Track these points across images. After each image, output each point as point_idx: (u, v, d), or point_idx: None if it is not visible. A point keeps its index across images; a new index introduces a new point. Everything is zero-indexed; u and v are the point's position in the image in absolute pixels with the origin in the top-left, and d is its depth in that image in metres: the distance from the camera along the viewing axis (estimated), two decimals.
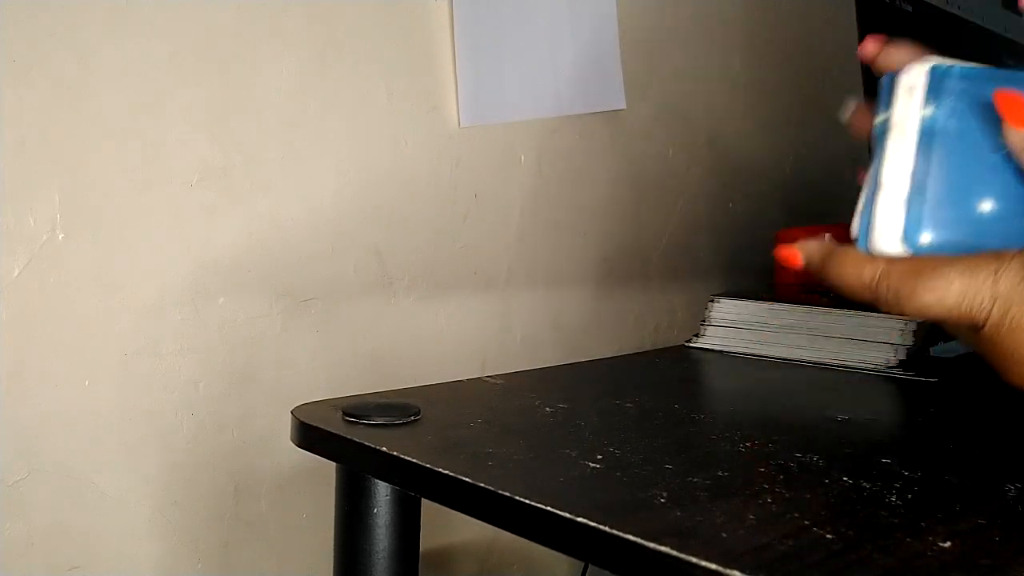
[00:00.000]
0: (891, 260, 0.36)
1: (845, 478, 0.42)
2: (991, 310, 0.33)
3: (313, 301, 0.74)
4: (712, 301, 0.84)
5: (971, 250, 0.35)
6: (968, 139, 0.37)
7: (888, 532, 0.35)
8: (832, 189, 1.22)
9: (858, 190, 0.43)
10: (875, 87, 0.44)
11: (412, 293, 0.80)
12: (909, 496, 0.39)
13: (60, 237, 0.62)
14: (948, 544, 0.33)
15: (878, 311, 0.40)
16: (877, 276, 0.36)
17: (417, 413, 0.52)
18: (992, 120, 0.36)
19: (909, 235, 0.37)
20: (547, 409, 0.56)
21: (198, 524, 0.69)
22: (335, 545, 0.53)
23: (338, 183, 0.75)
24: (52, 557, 0.63)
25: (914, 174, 0.37)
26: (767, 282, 0.99)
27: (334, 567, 0.53)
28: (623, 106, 0.93)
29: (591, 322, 0.96)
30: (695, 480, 0.41)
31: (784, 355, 0.77)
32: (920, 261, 0.35)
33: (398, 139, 0.79)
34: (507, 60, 0.84)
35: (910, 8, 1.01)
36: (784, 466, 0.44)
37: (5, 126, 0.59)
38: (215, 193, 0.68)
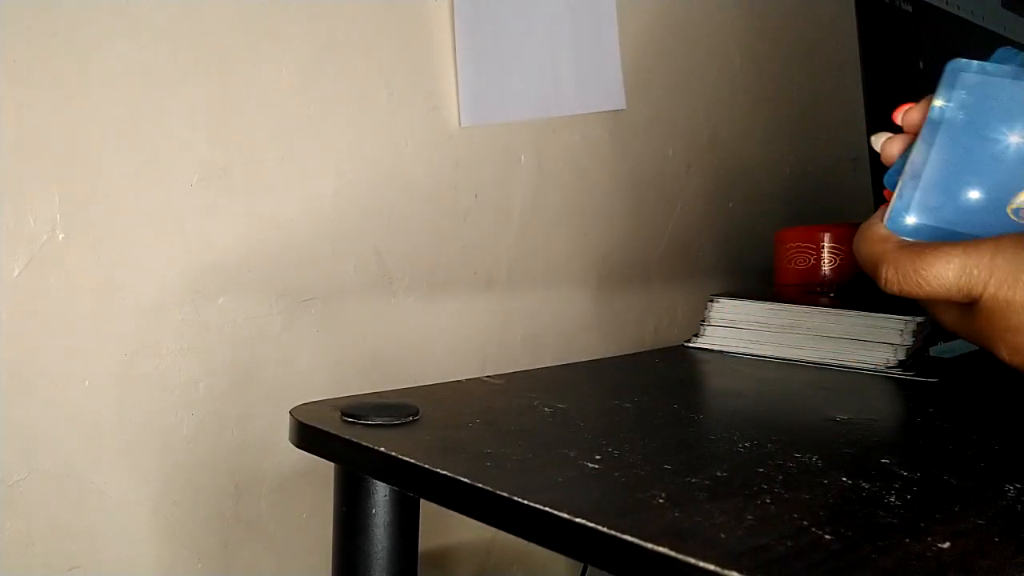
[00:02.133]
0: (900, 245, 0.39)
1: (844, 478, 0.42)
2: (987, 284, 0.36)
3: (313, 301, 0.74)
4: (712, 301, 0.84)
5: (949, 237, 0.39)
6: (971, 130, 0.40)
7: (887, 533, 0.35)
8: (832, 189, 1.22)
9: (859, 189, 0.44)
10: (875, 91, 0.44)
11: (412, 293, 0.80)
12: (908, 496, 0.39)
13: (60, 237, 0.62)
14: (947, 545, 0.33)
15: (878, 311, 0.41)
16: (882, 256, 0.39)
17: (416, 413, 0.52)
18: (998, 113, 0.39)
19: (895, 217, 0.40)
20: (547, 409, 0.56)
21: (198, 524, 0.69)
22: (334, 545, 0.53)
23: (338, 183, 0.75)
24: (52, 557, 0.63)
25: (913, 160, 0.41)
26: (767, 282, 0.99)
27: (333, 567, 0.53)
28: (623, 106, 0.93)
29: (591, 322, 0.96)
30: (694, 480, 0.41)
31: (784, 355, 0.77)
32: (924, 244, 0.38)
33: (398, 139, 0.79)
34: (508, 60, 0.84)
35: (910, 8, 1.01)
36: (783, 466, 0.44)
37: (5, 126, 0.59)
38: (215, 193, 0.68)
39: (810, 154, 1.19)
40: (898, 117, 0.44)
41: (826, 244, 0.91)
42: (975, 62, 0.41)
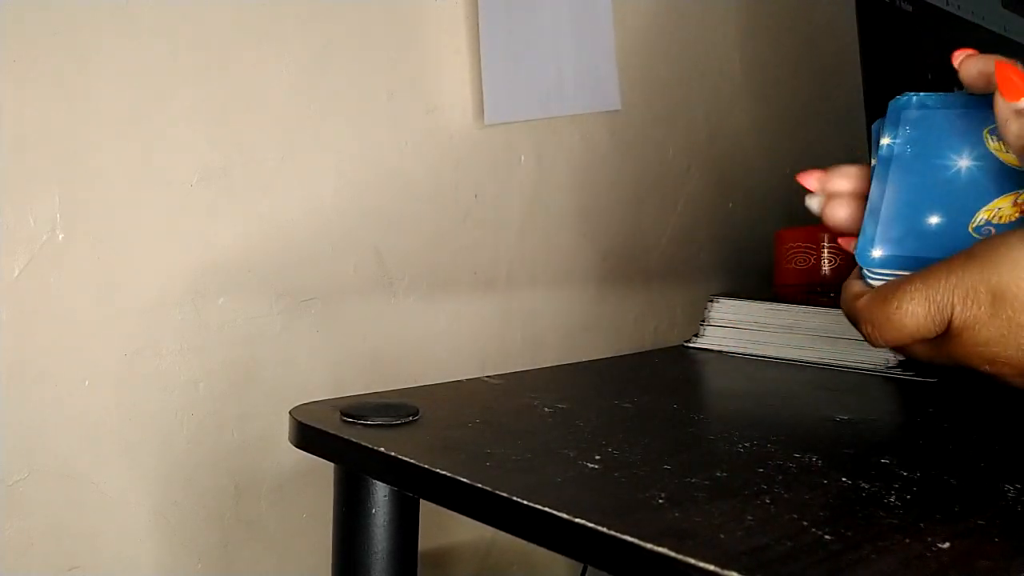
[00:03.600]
0: (869, 296, 0.40)
1: (844, 478, 0.42)
2: (953, 306, 0.37)
3: (313, 301, 0.74)
4: (712, 301, 0.84)
5: (917, 264, 0.39)
6: (921, 161, 0.41)
7: (887, 533, 0.35)
8: None
9: None
10: (875, 91, 0.45)
11: (412, 293, 0.80)
12: (908, 497, 0.39)
13: (60, 237, 0.62)
14: (947, 545, 0.33)
15: None
16: (854, 312, 0.40)
17: (416, 413, 0.52)
18: (944, 141, 0.41)
19: (861, 252, 0.42)
20: (547, 409, 0.56)
21: (198, 524, 0.69)
22: (334, 546, 0.53)
23: (338, 183, 0.75)
24: (52, 557, 0.63)
25: (871, 198, 0.42)
26: (767, 282, 0.99)
27: (332, 567, 0.53)
28: (618, 107, 0.93)
29: (591, 322, 0.96)
30: (693, 481, 0.41)
31: (783, 355, 0.77)
32: (884, 290, 0.39)
33: (398, 139, 0.79)
34: (524, 59, 0.84)
35: (910, 8, 1.01)
36: (783, 466, 0.44)
37: (5, 126, 0.59)
38: (215, 193, 0.68)
39: (810, 154, 1.19)
40: (811, 184, 0.46)
41: (826, 244, 0.91)
42: (915, 96, 0.43)
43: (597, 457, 0.45)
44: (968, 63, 0.41)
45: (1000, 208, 0.40)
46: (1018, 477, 0.42)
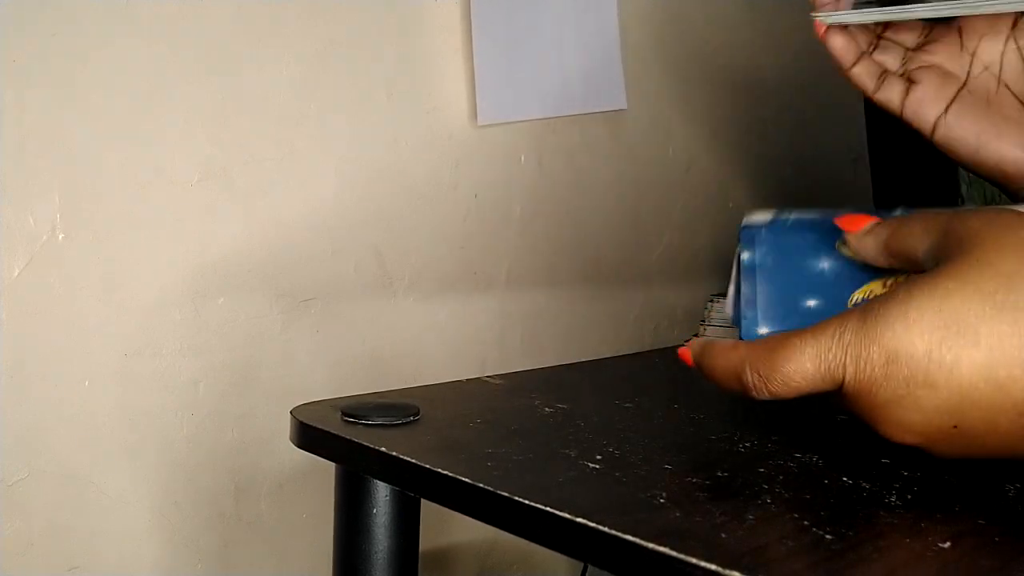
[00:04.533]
0: (750, 345, 0.39)
1: (845, 478, 0.42)
2: (845, 365, 0.35)
3: (313, 301, 0.74)
4: (712, 301, 0.84)
5: None
6: (786, 267, 0.45)
7: (888, 532, 0.35)
8: (832, 189, 1.22)
9: (859, 189, 0.47)
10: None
11: (412, 293, 0.80)
12: (909, 496, 0.39)
13: (60, 237, 0.62)
14: (948, 544, 0.33)
15: None
16: (739, 363, 0.38)
17: (416, 413, 0.52)
18: (802, 252, 0.45)
19: (747, 333, 0.45)
20: (547, 409, 0.56)
21: (198, 524, 0.69)
22: (334, 546, 0.53)
23: (338, 183, 0.75)
24: (52, 557, 0.63)
25: (744, 295, 0.45)
26: None
27: (333, 568, 0.53)
28: (624, 106, 0.93)
29: (591, 322, 0.96)
30: (694, 480, 0.41)
31: None
32: (772, 339, 0.38)
33: (398, 139, 0.79)
34: (521, 59, 0.84)
35: None
36: (783, 466, 0.44)
37: (5, 126, 0.59)
38: (215, 193, 0.68)
39: (810, 154, 1.19)
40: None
41: None
42: (763, 227, 0.46)
43: (598, 457, 0.45)
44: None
45: (872, 290, 0.42)
46: (1018, 477, 0.42)
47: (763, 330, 0.44)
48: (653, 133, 1.00)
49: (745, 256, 0.46)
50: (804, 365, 0.36)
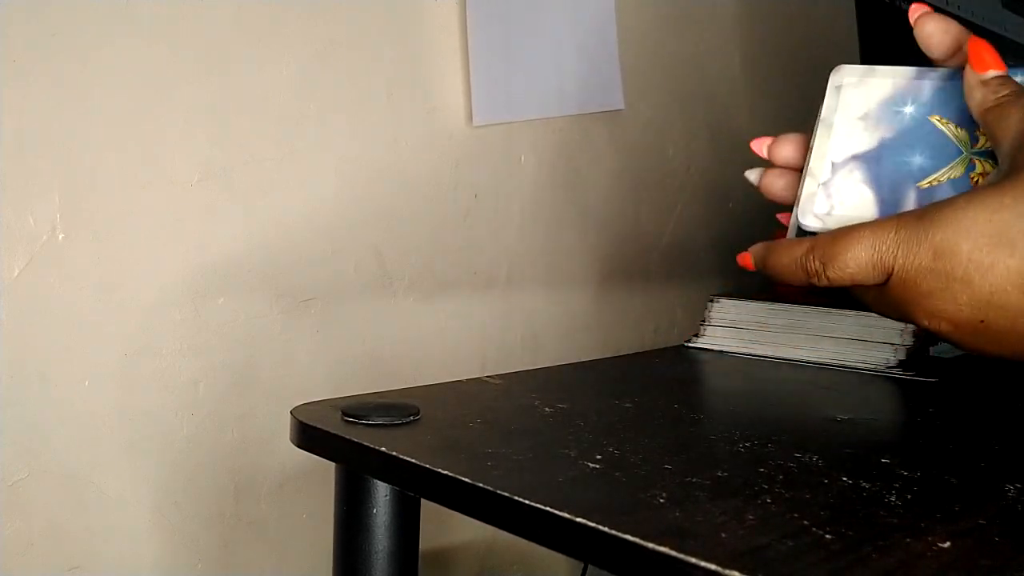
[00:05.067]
0: (815, 237, 0.42)
1: (845, 478, 0.42)
2: (896, 256, 0.39)
3: (313, 301, 0.74)
4: (712, 301, 0.84)
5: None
6: (862, 122, 0.45)
7: (888, 532, 0.35)
8: None
9: None
10: None
11: (412, 293, 0.80)
12: (909, 496, 0.39)
13: (60, 237, 0.62)
14: (948, 544, 0.33)
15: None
16: (804, 253, 0.42)
17: (416, 413, 0.52)
18: (886, 102, 0.44)
19: (803, 212, 0.44)
20: (547, 409, 0.56)
21: (198, 524, 0.69)
22: (334, 545, 0.53)
23: (338, 183, 0.75)
24: (52, 557, 0.63)
25: (811, 159, 0.45)
26: (767, 282, 0.99)
27: (333, 567, 0.53)
28: (622, 106, 0.93)
29: (591, 322, 0.96)
30: (694, 480, 0.41)
31: (784, 355, 0.77)
32: (836, 231, 0.41)
33: (398, 139, 0.79)
34: (517, 59, 0.84)
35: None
36: (784, 466, 0.44)
37: (5, 126, 0.59)
38: (215, 193, 0.68)
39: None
40: (762, 150, 0.49)
41: None
42: (851, 66, 0.46)
43: (598, 457, 0.45)
44: (925, 20, 0.44)
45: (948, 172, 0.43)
46: (1018, 477, 0.42)
47: (821, 209, 0.44)
48: (653, 133, 1.01)
49: (825, 104, 0.46)
50: (859, 253, 0.39)
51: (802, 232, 0.44)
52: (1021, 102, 0.40)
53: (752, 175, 0.50)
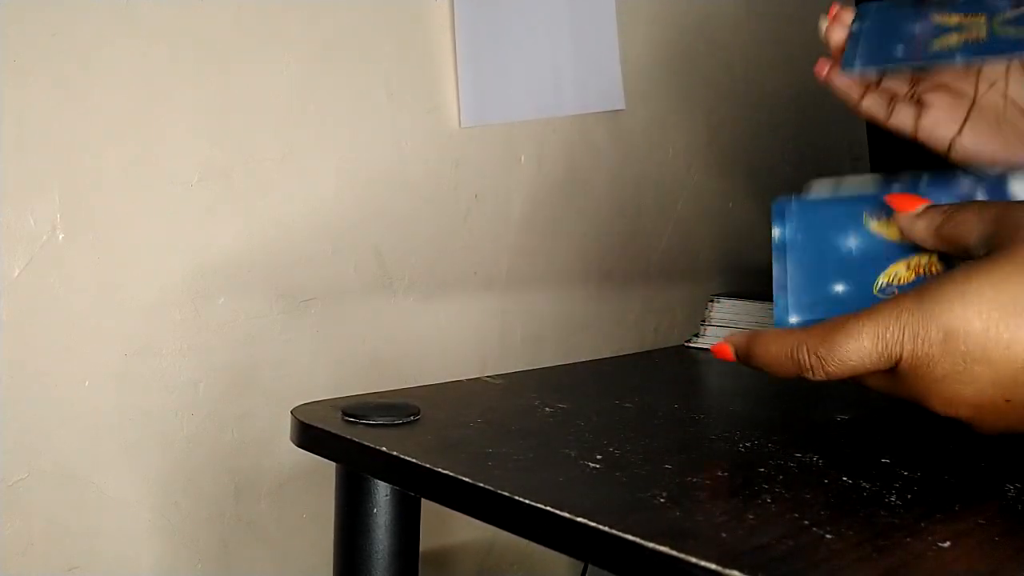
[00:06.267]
0: (805, 328, 0.40)
1: (845, 478, 0.42)
2: (903, 343, 0.37)
3: (313, 301, 0.74)
4: (712, 301, 0.84)
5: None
6: (814, 245, 0.46)
7: (888, 532, 0.35)
8: None
9: None
10: None
11: (412, 293, 0.80)
12: (909, 496, 0.39)
13: (60, 237, 0.62)
14: (948, 544, 0.34)
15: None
16: (795, 345, 0.39)
17: (417, 413, 0.52)
18: (830, 229, 0.46)
19: (780, 320, 0.45)
20: (547, 409, 0.56)
21: (198, 524, 0.69)
22: (335, 545, 0.53)
23: (338, 183, 0.75)
24: (52, 557, 0.63)
25: (775, 277, 0.47)
26: (767, 282, 0.99)
27: (334, 567, 0.53)
28: (622, 106, 0.93)
29: (591, 322, 0.96)
30: (694, 480, 0.41)
31: None
32: (828, 322, 0.39)
33: (398, 139, 0.79)
34: (508, 60, 0.84)
35: None
36: (783, 466, 0.44)
37: (6, 126, 0.59)
38: (215, 193, 0.68)
39: (810, 154, 1.19)
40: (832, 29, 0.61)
41: None
42: (793, 200, 0.47)
43: (598, 456, 0.45)
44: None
45: (896, 272, 0.44)
46: (1018, 477, 0.42)
47: (793, 319, 0.45)
48: (653, 133, 1.00)
49: (775, 232, 0.47)
50: (863, 344, 0.37)
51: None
52: (965, 206, 0.40)
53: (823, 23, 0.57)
